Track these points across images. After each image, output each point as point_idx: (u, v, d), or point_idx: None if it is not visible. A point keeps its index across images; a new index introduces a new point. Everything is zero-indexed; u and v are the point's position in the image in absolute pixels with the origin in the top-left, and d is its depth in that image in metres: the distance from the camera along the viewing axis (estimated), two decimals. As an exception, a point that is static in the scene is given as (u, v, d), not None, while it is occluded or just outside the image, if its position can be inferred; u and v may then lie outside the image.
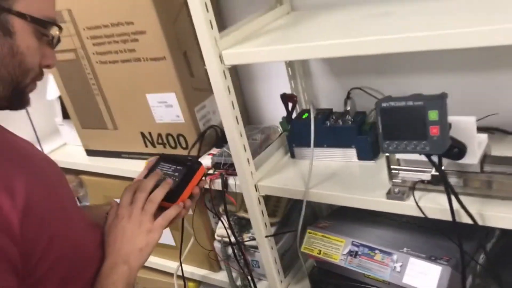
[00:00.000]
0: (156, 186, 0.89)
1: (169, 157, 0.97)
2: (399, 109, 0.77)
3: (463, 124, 0.83)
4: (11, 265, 0.63)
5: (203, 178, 0.95)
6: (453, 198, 0.85)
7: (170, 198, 0.88)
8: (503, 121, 1.08)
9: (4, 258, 0.62)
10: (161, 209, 0.88)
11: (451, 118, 0.84)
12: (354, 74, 1.24)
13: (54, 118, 1.67)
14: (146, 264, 1.65)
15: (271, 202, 1.36)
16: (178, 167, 0.92)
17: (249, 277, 1.33)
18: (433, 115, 0.74)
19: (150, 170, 0.95)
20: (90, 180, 1.58)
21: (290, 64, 1.30)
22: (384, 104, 0.78)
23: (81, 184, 1.63)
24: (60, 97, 1.54)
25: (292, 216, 1.34)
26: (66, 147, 1.69)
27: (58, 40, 0.76)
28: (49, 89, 1.57)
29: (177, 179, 0.91)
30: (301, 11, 1.22)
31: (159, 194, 0.87)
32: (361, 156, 1.11)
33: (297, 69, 1.30)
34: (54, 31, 0.74)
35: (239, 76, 1.45)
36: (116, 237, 0.83)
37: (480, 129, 1.01)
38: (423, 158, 0.84)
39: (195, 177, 0.92)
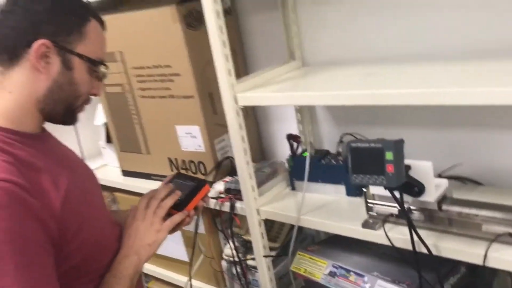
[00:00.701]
0: (167, 196, 1.10)
1: (183, 175, 1.19)
2: (364, 149, 0.96)
3: (422, 167, 1.01)
4: (49, 235, 0.84)
5: (207, 195, 1.16)
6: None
7: (178, 207, 1.10)
8: (476, 172, 1.24)
9: (45, 230, 0.84)
10: (170, 215, 1.09)
11: (411, 162, 1.02)
12: (351, 122, 1.44)
13: (98, 142, 1.94)
14: (160, 277, 1.85)
15: (274, 229, 1.54)
16: (188, 183, 1.14)
17: (248, 295, 1.50)
18: (389, 155, 0.92)
19: (167, 184, 1.17)
20: (122, 197, 1.82)
21: (299, 110, 1.51)
22: (353, 145, 0.97)
23: (114, 200, 1.87)
24: (105, 124, 1.81)
25: (294, 245, 1.51)
26: (105, 167, 1.94)
27: (104, 76, 1.01)
28: (97, 116, 1.85)
29: (185, 193, 1.12)
30: (310, 67, 1.45)
31: (168, 202, 1.09)
32: (349, 192, 1.29)
33: (305, 115, 1.51)
34: (103, 69, 0.99)
35: (257, 119, 1.68)
36: (131, 233, 1.04)
37: (452, 178, 1.19)
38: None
39: (200, 192, 1.13)
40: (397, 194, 1.01)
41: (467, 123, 1.24)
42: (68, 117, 0.98)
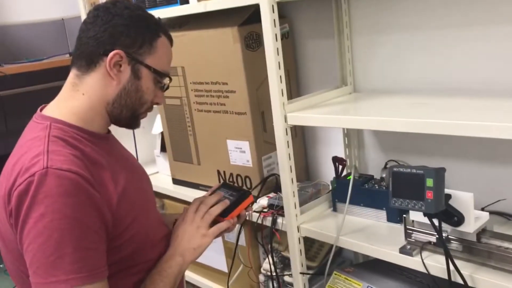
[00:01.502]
0: (216, 203, 1.17)
1: (229, 185, 1.26)
2: (405, 174, 0.99)
3: (462, 198, 1.03)
4: (105, 225, 0.93)
5: (251, 205, 1.22)
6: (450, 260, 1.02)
7: (223, 214, 1.16)
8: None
9: (102, 220, 0.92)
10: (215, 222, 1.15)
11: (452, 192, 1.04)
12: (397, 150, 1.46)
13: (154, 150, 2.05)
14: (199, 284, 1.91)
15: (313, 249, 1.58)
16: (233, 193, 1.21)
17: (282, 311, 1.53)
18: (429, 182, 0.95)
19: (213, 192, 1.24)
20: (171, 204, 1.91)
21: (347, 135, 1.55)
22: (395, 169, 1.00)
23: (163, 206, 1.96)
24: (161, 133, 1.92)
25: (331, 266, 1.53)
26: (158, 175, 2.05)
27: (167, 87, 1.10)
28: (155, 125, 1.96)
29: (230, 201, 1.18)
30: (360, 93, 1.49)
31: (217, 209, 1.15)
32: (389, 218, 1.31)
33: (352, 139, 1.55)
34: (167, 80, 1.08)
35: (305, 140, 1.73)
36: (178, 235, 1.11)
37: (495, 213, 1.19)
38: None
39: (244, 202, 1.19)
40: (436, 222, 1.03)
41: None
42: (132, 121, 1.07)
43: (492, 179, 1.28)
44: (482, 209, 1.19)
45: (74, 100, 1.01)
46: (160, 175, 2.04)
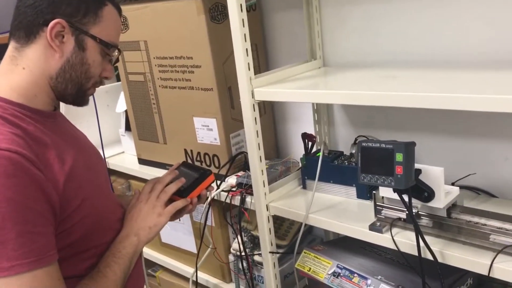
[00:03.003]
0: (171, 182, 1.12)
1: (189, 164, 1.21)
2: (375, 149, 0.95)
3: (432, 173, 1.00)
4: (52, 206, 0.86)
5: (212, 185, 1.17)
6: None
7: (182, 194, 1.11)
8: (490, 183, 1.22)
9: (48, 201, 0.86)
10: (173, 201, 1.10)
11: (422, 166, 1.01)
12: (367, 126, 1.43)
13: (118, 129, 1.97)
14: (168, 266, 1.87)
15: (283, 228, 1.55)
16: (193, 172, 1.16)
17: (252, 290, 1.50)
18: (399, 157, 0.92)
19: (172, 171, 1.19)
20: (137, 185, 1.84)
21: (316, 111, 1.51)
22: (364, 144, 0.97)
23: (129, 187, 1.90)
24: (126, 112, 1.84)
25: (301, 244, 1.51)
26: (123, 155, 1.98)
27: (117, 60, 1.03)
28: (119, 103, 1.88)
29: (190, 181, 1.13)
30: (330, 67, 1.45)
31: (172, 188, 1.11)
32: (359, 195, 1.29)
33: (322, 116, 1.52)
34: (115, 53, 1.01)
35: (274, 117, 1.68)
36: (133, 214, 1.06)
37: (466, 188, 1.17)
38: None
39: (205, 181, 1.14)
40: (406, 198, 1.00)
41: (484, 133, 1.22)
42: (79, 97, 1.00)
43: (462, 154, 1.26)
44: (452, 184, 1.17)
45: (14, 75, 0.93)
46: (126, 155, 1.97)
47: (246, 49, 1.21)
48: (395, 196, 1.04)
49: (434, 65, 1.23)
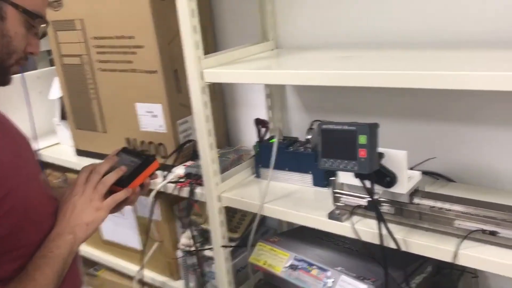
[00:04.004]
0: (110, 171, 1.00)
1: (130, 151, 1.09)
2: (336, 132, 0.89)
3: (395, 157, 0.95)
4: None
5: (156, 172, 1.06)
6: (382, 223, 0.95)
7: (122, 183, 0.99)
8: (448, 168, 1.19)
9: None
10: (112, 192, 0.98)
11: (385, 150, 0.96)
12: (323, 111, 1.37)
13: (53, 118, 1.81)
14: (111, 265, 1.74)
15: (235, 219, 1.46)
16: (135, 159, 1.04)
17: None
18: (362, 139, 0.86)
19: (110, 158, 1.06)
20: (74, 178, 1.69)
21: (269, 95, 1.43)
22: (324, 126, 0.90)
23: (66, 180, 1.74)
24: (61, 98, 1.68)
25: (255, 236, 1.43)
26: (58, 146, 1.81)
27: (44, 34, 0.89)
28: (53, 89, 1.72)
29: (131, 169, 1.02)
30: (283, 49, 1.37)
31: (111, 177, 0.98)
32: (316, 182, 1.22)
33: (275, 101, 1.44)
34: (42, 24, 0.87)
35: (225, 103, 1.59)
36: (67, 209, 0.93)
37: (424, 172, 1.13)
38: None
39: (148, 169, 1.03)
40: (367, 183, 0.95)
41: (441, 116, 1.19)
42: (0, 76, 0.86)
43: (419, 138, 1.22)
44: (411, 169, 1.13)
45: None
46: (62, 146, 1.81)
47: (195, 26, 1.11)
48: (356, 182, 0.98)
49: (392, 45, 1.18)
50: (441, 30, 1.13)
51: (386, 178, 0.96)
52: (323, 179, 1.21)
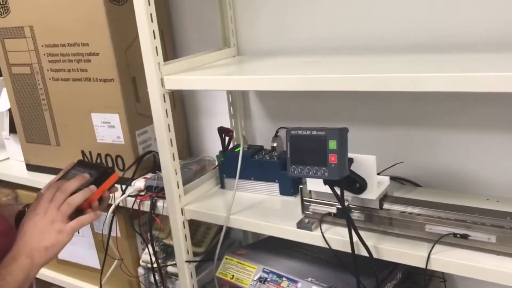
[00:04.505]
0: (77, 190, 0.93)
1: (87, 163, 1.02)
2: (305, 137, 0.86)
3: (364, 162, 0.93)
4: None
5: (115, 185, 1.00)
6: (353, 231, 0.92)
7: None
8: (415, 173, 1.19)
9: None
10: (76, 212, 0.91)
11: (354, 155, 0.94)
12: (287, 118, 1.35)
13: (1, 132, 1.70)
14: (66, 285, 1.64)
15: (198, 233, 1.41)
16: (92, 172, 0.97)
17: (167, 306, 1.34)
18: (332, 144, 0.83)
19: (66, 173, 0.99)
20: (26, 195, 1.59)
21: (232, 103, 1.40)
22: (293, 132, 0.87)
23: (16, 198, 1.63)
24: (9, 110, 1.58)
25: (220, 250, 1.38)
26: (8, 161, 1.70)
27: None
28: (1, 101, 1.61)
29: (89, 182, 0.95)
30: (245, 56, 1.34)
31: (78, 198, 0.91)
32: (282, 191, 1.19)
33: (238, 109, 1.40)
34: None
35: (185, 112, 1.54)
36: (27, 230, 0.86)
37: (392, 178, 1.12)
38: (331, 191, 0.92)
39: (106, 181, 0.97)
40: (337, 190, 0.92)
41: (407, 121, 1.19)
42: None
43: (384, 143, 1.22)
44: (378, 174, 1.12)
45: None
46: (11, 161, 1.70)
47: (153, 31, 1.06)
48: (325, 189, 0.95)
49: (357, 50, 1.17)
50: (405, 33, 1.13)
51: (356, 184, 0.94)
52: (290, 187, 1.18)
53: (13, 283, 0.79)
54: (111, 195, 1.01)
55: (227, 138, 1.29)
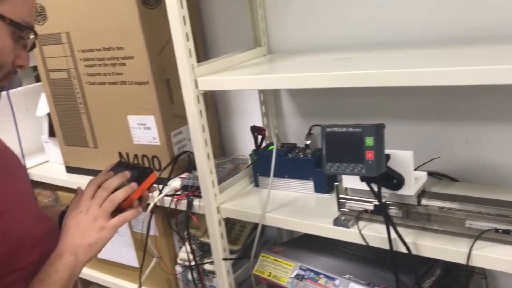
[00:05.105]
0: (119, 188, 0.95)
1: (126, 164, 1.05)
2: (341, 134, 0.86)
3: (401, 158, 0.92)
4: None
5: (154, 184, 1.02)
6: (391, 227, 0.92)
7: None
8: (452, 168, 1.17)
9: None
10: (117, 209, 0.94)
11: (391, 151, 0.93)
12: (319, 115, 1.35)
13: (41, 135, 1.75)
14: (106, 284, 1.68)
15: (234, 231, 1.42)
16: (132, 172, 0.99)
17: (205, 303, 1.36)
18: (369, 141, 0.83)
19: (105, 173, 1.02)
20: (66, 196, 1.64)
21: (264, 103, 1.40)
22: (328, 129, 0.87)
23: (57, 200, 1.69)
24: (48, 115, 1.63)
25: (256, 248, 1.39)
26: (48, 164, 1.76)
27: (33, 45, 0.85)
28: (40, 106, 1.67)
29: (128, 182, 0.97)
30: (276, 54, 1.35)
31: (120, 195, 0.93)
32: (317, 189, 1.19)
33: (270, 108, 1.41)
34: (31, 36, 0.83)
35: (218, 112, 1.55)
36: (70, 228, 0.88)
37: (429, 174, 1.10)
38: (368, 188, 0.92)
39: (146, 181, 0.99)
40: (374, 187, 0.92)
41: (443, 115, 1.17)
42: None
43: (421, 138, 1.20)
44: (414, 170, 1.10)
45: None
46: (51, 164, 1.75)
47: (187, 33, 1.08)
48: (361, 186, 0.95)
49: (390, 45, 1.15)
50: (435, 27, 1.11)
51: (393, 180, 0.93)
52: (325, 185, 1.18)
53: (59, 281, 0.81)
54: (150, 194, 1.03)
55: (259, 137, 1.30)
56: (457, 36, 1.09)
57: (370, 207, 0.99)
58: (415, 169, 1.10)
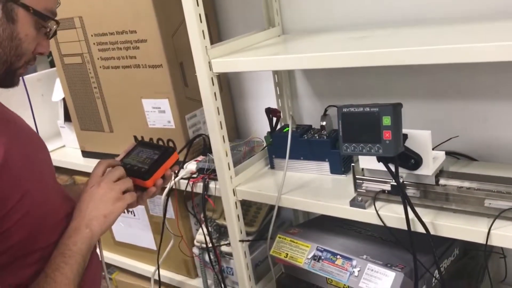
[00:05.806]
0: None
1: (147, 143, 1.06)
2: (357, 114, 0.85)
3: (419, 137, 0.91)
4: None
5: (176, 163, 1.03)
6: (409, 207, 0.91)
7: (143, 176, 0.96)
8: (470, 148, 1.15)
9: None
10: (134, 187, 0.95)
11: (408, 131, 0.92)
12: (334, 96, 1.33)
13: (56, 120, 1.77)
14: (125, 267, 1.71)
15: (250, 213, 1.43)
16: (154, 151, 1.01)
17: (222, 284, 1.37)
18: (386, 120, 0.82)
19: (128, 154, 1.03)
20: (83, 180, 1.66)
21: (278, 84, 1.39)
22: (344, 110, 0.86)
23: (74, 183, 1.70)
24: (63, 100, 1.64)
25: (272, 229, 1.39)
26: (64, 149, 1.78)
27: (55, 33, 0.86)
28: (55, 91, 1.68)
29: (151, 161, 0.99)
30: (290, 34, 1.33)
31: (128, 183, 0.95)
32: (333, 170, 1.18)
33: (285, 89, 1.40)
34: (52, 24, 0.84)
35: (232, 95, 1.55)
36: (84, 201, 0.89)
37: (447, 153, 1.09)
38: (385, 168, 0.91)
39: (168, 160, 1.00)
40: (392, 167, 0.91)
41: (462, 94, 1.15)
42: (7, 78, 0.82)
43: (439, 117, 1.18)
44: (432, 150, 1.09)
45: None
46: (67, 148, 1.77)
47: (200, 15, 1.07)
48: (378, 166, 0.95)
49: (406, 23, 1.13)
50: (453, 4, 1.08)
51: (411, 160, 0.92)
52: (341, 166, 1.17)
53: (79, 253, 0.83)
54: (172, 173, 1.04)
55: (274, 119, 1.29)
56: (473, 12, 1.06)
57: (387, 187, 0.99)
58: (433, 149, 1.09)
